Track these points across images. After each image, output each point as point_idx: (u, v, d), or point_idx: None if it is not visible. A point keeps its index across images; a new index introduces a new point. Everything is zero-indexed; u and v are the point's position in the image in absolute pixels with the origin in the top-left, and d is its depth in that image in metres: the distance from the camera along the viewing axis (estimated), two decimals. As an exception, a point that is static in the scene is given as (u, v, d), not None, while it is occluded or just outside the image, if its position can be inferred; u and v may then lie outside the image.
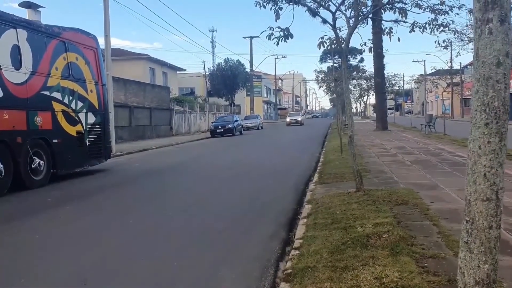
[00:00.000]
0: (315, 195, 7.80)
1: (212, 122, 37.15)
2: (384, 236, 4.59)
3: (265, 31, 6.67)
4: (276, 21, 6.51)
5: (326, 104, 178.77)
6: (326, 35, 6.95)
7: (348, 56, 51.17)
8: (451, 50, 35.24)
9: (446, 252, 4.13)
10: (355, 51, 47.44)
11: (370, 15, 8.08)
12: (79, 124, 11.99)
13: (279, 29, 6.71)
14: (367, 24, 8.88)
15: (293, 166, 12.95)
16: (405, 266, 3.75)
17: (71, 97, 11.64)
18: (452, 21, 7.10)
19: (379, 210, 5.89)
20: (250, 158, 16.05)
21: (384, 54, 28.64)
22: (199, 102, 46.76)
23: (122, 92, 29.26)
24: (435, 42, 8.60)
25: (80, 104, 12.05)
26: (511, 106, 2.99)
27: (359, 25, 8.03)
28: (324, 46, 6.87)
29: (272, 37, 6.73)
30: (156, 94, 34.46)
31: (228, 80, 50.91)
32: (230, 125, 33.77)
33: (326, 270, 3.87)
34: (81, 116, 12.08)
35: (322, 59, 50.60)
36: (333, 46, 6.89)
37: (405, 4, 6.93)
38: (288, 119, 54.18)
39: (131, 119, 29.01)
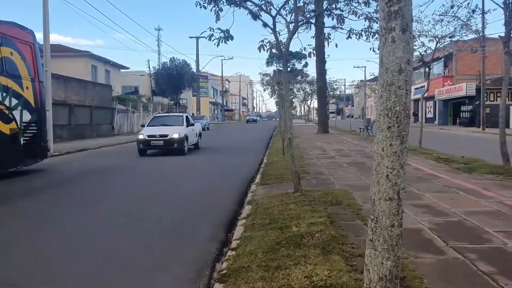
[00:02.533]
0: (256, 196, 7.88)
1: (156, 123, 36.38)
2: (316, 236, 4.73)
3: (205, 31, 6.68)
4: (216, 22, 6.54)
5: (273, 107, 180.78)
6: (266, 39, 7.07)
7: (293, 60, 52.14)
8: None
9: (374, 250, 4.30)
10: (300, 56, 48.34)
11: (310, 21, 8.28)
12: (13, 122, 11.41)
13: (220, 31, 6.74)
14: (310, 29, 9.10)
15: (237, 167, 13.00)
16: (335, 265, 3.88)
17: (4, 94, 11.06)
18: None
19: (314, 210, 6.05)
20: (192, 159, 15.92)
21: (326, 59, 29.38)
22: (143, 101, 45.76)
23: (62, 90, 28.12)
24: (370, 49, 8.96)
25: (14, 101, 11.47)
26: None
27: (302, 30, 8.22)
28: (264, 50, 6.98)
29: (213, 38, 6.74)
30: (97, 93, 33.37)
31: (174, 79, 50.16)
32: (174, 126, 33.18)
33: (259, 270, 3.94)
34: (16, 113, 11.50)
35: (268, 62, 51.15)
36: (273, 50, 7.01)
37: (342, 11, 7.17)
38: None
39: (70, 118, 27.93)
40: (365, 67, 77.27)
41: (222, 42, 6.71)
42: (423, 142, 16.82)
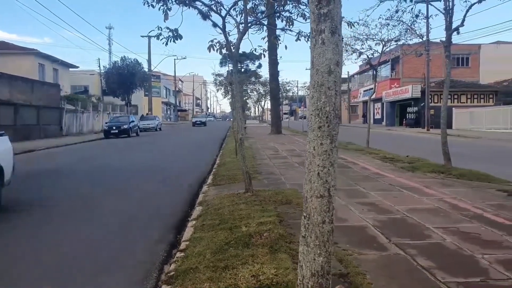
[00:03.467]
0: (207, 197, 7.86)
1: (106, 123, 35.47)
2: (265, 235, 4.78)
3: (153, 30, 6.58)
4: (164, 21, 6.45)
5: (227, 107, 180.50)
6: (216, 39, 7.05)
7: (247, 61, 52.30)
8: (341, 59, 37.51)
9: (320, 248, 4.40)
10: (253, 57, 48.55)
11: (262, 22, 8.35)
12: None
13: (168, 30, 6.67)
14: (262, 30, 9.16)
15: (189, 168, 12.90)
16: (282, 263, 3.93)
17: None
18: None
19: (264, 210, 6.10)
20: (145, 160, 15.65)
21: (278, 61, 29.71)
22: (93, 101, 44.43)
23: (7, 89, 26.87)
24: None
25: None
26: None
27: (255, 31, 8.27)
28: (214, 50, 6.95)
29: (161, 38, 6.66)
30: (45, 92, 32.08)
31: (125, 79, 48.98)
32: (125, 126, 32.53)
33: (207, 270, 3.93)
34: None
35: (222, 63, 51.00)
36: (222, 50, 7.00)
37: (291, 13, 7.28)
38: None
39: (16, 118, 26.74)
40: (316, 69, 78.24)
41: (170, 41, 6.64)
42: (370, 142, 17.35)
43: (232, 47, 7.29)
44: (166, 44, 6.64)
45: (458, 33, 10.01)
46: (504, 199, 6.72)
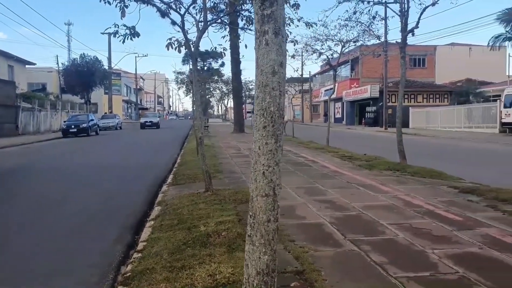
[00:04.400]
0: (166, 197, 7.80)
1: (64, 121, 34.44)
2: (223, 234, 4.79)
3: (110, 28, 6.46)
4: (121, 18, 6.34)
5: (190, 106, 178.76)
6: (174, 37, 6.99)
7: (210, 60, 52.00)
8: (301, 59, 38.02)
9: (278, 246, 4.43)
10: (216, 55, 48.30)
11: (224, 20, 8.33)
12: None
13: (125, 27, 6.55)
14: (224, 29, 9.15)
15: (150, 167, 12.72)
16: (239, 262, 3.95)
17: None
18: (290, 32, 7.66)
19: (224, 209, 6.11)
20: (104, 159, 15.32)
21: (241, 60, 29.75)
22: (51, 99, 43.03)
23: (-44, 86, 25.63)
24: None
25: None
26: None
27: (217, 30, 8.24)
28: (172, 48, 6.89)
29: (118, 35, 6.54)
30: (-1, 89, 30.80)
31: (84, 77, 47.67)
32: (84, 125, 31.70)
33: (163, 270, 3.91)
34: None
35: (185, 61, 50.43)
36: (181, 48, 6.95)
37: (250, 12, 7.30)
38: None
39: (-34, 117, 25.57)
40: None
41: (128, 39, 6.52)
42: (331, 141, 17.65)
43: (191, 45, 7.25)
44: (123, 41, 6.53)
45: (413, 34, 10.34)
46: (454, 196, 6.99)
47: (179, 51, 7.02)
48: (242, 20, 7.52)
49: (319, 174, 9.63)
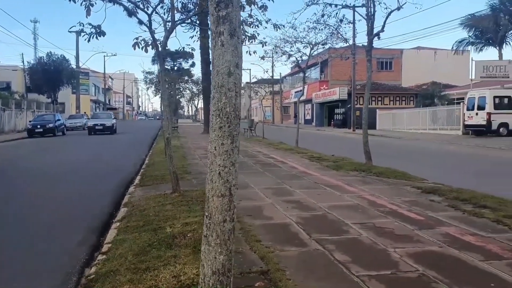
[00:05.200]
0: (133, 198, 7.72)
1: (30, 121, 33.52)
2: (189, 235, 4.78)
3: (74, 26, 6.34)
4: (86, 17, 6.22)
5: (159, 106, 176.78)
6: (141, 36, 6.92)
7: (180, 60, 51.64)
8: (272, 61, 38.20)
9: (243, 247, 4.48)
10: (187, 55, 48.02)
11: (194, 21, 8.29)
12: None
13: (90, 26, 6.45)
14: (194, 29, 9.08)
15: (117, 168, 12.54)
16: (204, 263, 3.95)
17: None
18: (258, 33, 7.71)
19: (191, 210, 6.09)
20: (71, 160, 14.99)
21: (211, 60, 29.62)
22: (16, 98, 41.77)
23: None
24: (247, 52, 9.28)
25: None
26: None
27: (187, 30, 8.18)
28: (139, 47, 6.82)
29: (83, 34, 6.43)
30: (-42, 88, 29.71)
31: (51, 75, 46.46)
32: (51, 125, 30.95)
33: (127, 272, 3.88)
34: None
35: (154, 60, 49.94)
36: (148, 48, 6.89)
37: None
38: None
39: None
40: (249, 69, 79.36)
41: (93, 37, 6.42)
42: (301, 142, 17.82)
43: (159, 45, 7.19)
44: (88, 40, 6.41)
45: (379, 38, 10.59)
46: (417, 196, 7.18)
47: (146, 51, 6.96)
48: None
49: (288, 175, 9.71)
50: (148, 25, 6.81)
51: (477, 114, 24.77)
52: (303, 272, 3.82)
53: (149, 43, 6.86)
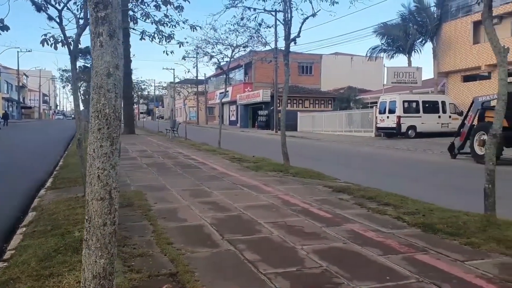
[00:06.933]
0: (43, 202, 7.39)
1: None
2: (98, 239, 4.64)
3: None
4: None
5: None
6: (50, 33, 6.60)
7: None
8: (196, 62, 37.97)
9: (154, 250, 4.45)
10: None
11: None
12: None
13: (-8, 20, 6.05)
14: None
15: (29, 170, 11.86)
16: (112, 266, 3.88)
17: None
18: (174, 33, 7.66)
19: (103, 213, 5.91)
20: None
21: (132, 58, 28.96)
22: None
23: None
24: (164, 52, 9.15)
25: None
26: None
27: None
28: (48, 44, 6.51)
29: (-15, 28, 6.02)
30: None
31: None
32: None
33: (29, 279, 3.71)
34: None
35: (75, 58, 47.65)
36: (57, 45, 6.59)
37: (134, 12, 7.18)
38: None
39: None
40: (173, 69, 78.32)
41: (-5, 32, 6.02)
42: (225, 143, 17.92)
43: (71, 43, 6.91)
44: (-10, 35, 6.00)
45: (295, 43, 10.94)
46: (328, 194, 7.53)
47: (55, 48, 6.65)
48: (130, 20, 7.34)
49: (207, 176, 9.74)
50: (58, 21, 6.52)
51: (388, 117, 26.41)
52: (212, 273, 3.88)
53: (59, 40, 6.57)
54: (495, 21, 25.14)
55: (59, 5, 6.94)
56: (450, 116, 26.41)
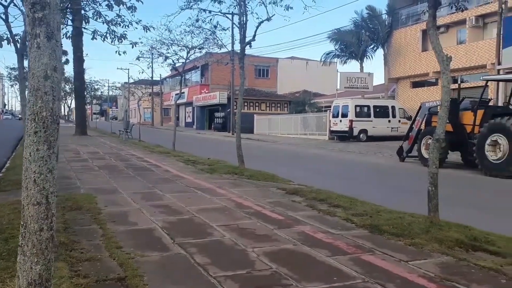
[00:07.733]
0: (-14, 205, 7.00)
1: None
2: (44, 244, 4.50)
3: None
4: None
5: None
6: (-4, 30, 6.34)
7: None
8: (152, 62, 37.37)
9: (103, 254, 4.36)
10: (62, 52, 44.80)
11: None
12: None
13: None
14: (66, 26, 8.53)
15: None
16: (58, 272, 3.76)
17: None
18: (127, 33, 7.53)
19: (49, 217, 5.73)
20: None
21: (85, 58, 28.23)
22: None
23: None
24: (116, 52, 9.00)
25: None
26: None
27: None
28: (-8, 41, 6.25)
29: None
30: None
31: None
32: None
33: (-34, 288, 3.54)
34: None
35: (23, 56, 45.77)
36: (2, 43, 6.34)
37: (86, 11, 7.01)
38: None
39: None
40: (128, 69, 76.71)
41: None
42: (180, 145, 17.75)
43: (18, 40, 6.67)
44: None
45: (250, 46, 11.03)
46: (281, 197, 7.63)
47: (0, 46, 6.39)
48: (84, 19, 7.16)
49: (160, 179, 9.63)
50: (5, 18, 6.27)
51: (341, 121, 27.07)
52: (161, 277, 3.85)
53: (4, 38, 6.32)
54: (442, 30, 26.34)
55: (5, 1, 6.69)
56: (399, 121, 27.38)
